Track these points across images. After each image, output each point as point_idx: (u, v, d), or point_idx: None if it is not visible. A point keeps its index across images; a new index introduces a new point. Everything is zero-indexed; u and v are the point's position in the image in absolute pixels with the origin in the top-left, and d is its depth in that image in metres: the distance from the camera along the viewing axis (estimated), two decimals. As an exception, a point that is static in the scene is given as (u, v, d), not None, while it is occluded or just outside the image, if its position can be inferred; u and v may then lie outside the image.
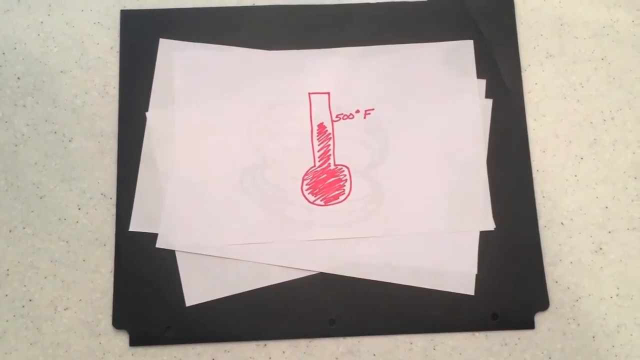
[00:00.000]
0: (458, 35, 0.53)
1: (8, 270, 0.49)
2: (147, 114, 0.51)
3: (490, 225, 0.49)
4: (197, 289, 0.48)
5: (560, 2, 0.55)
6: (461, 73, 0.52)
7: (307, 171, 0.51)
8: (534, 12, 0.54)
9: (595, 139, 0.52)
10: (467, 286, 0.49)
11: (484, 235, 0.49)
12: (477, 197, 0.50)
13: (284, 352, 0.48)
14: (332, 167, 0.51)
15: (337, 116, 0.52)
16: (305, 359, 0.48)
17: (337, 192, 0.50)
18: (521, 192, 0.50)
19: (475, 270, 0.49)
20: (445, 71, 0.52)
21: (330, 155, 0.51)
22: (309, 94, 0.52)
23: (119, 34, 0.53)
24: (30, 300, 0.49)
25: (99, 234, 0.50)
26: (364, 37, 0.53)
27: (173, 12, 0.53)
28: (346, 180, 0.50)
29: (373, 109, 0.52)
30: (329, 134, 0.51)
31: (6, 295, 0.49)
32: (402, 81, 0.52)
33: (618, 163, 0.52)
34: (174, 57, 0.52)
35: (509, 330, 0.48)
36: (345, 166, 0.51)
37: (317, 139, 0.51)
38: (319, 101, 0.52)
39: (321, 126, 0.52)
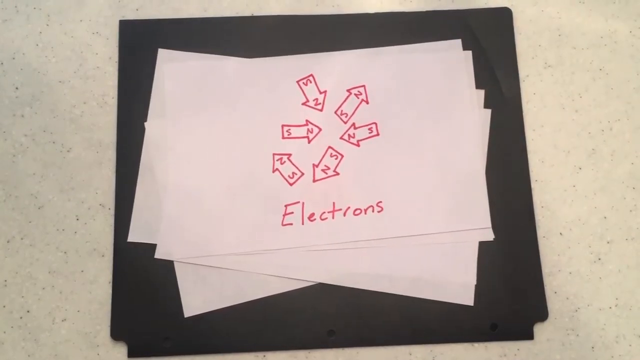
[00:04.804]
0: (456, 45, 0.54)
1: (6, 281, 0.49)
2: (146, 124, 0.51)
3: (489, 235, 0.49)
4: (195, 300, 0.48)
5: (558, 12, 0.55)
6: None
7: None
8: (532, 22, 0.55)
9: (593, 149, 0.52)
10: (466, 297, 0.48)
11: (483, 246, 0.49)
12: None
13: (282, 363, 0.48)
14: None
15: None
16: (304, 370, 0.48)
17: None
18: (520, 202, 0.50)
19: (474, 281, 0.49)
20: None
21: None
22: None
23: (117, 44, 0.53)
24: (28, 311, 0.48)
25: (97, 245, 0.50)
26: (363, 47, 0.53)
27: (172, 22, 0.53)
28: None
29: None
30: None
31: (4, 307, 0.48)
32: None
33: (616, 173, 0.52)
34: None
35: (508, 341, 0.48)
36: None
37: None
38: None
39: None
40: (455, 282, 0.49)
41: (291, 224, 0.50)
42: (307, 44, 0.53)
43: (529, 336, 0.48)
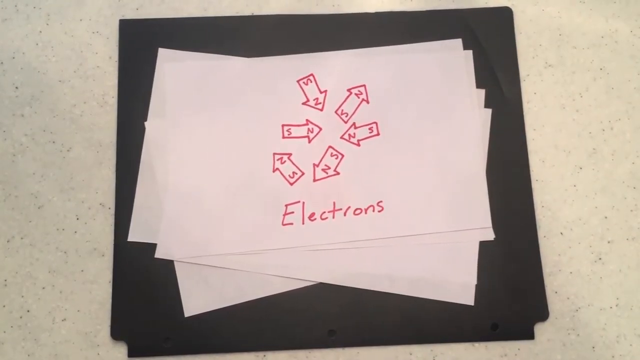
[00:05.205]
0: (457, 45, 0.53)
1: (6, 280, 0.49)
2: (146, 124, 0.51)
3: (489, 235, 0.49)
4: (196, 300, 0.48)
5: (559, 12, 0.55)
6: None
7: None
8: (533, 22, 0.55)
9: (594, 149, 0.52)
10: (466, 296, 0.48)
11: (484, 246, 0.49)
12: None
13: (283, 363, 0.48)
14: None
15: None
16: (304, 370, 0.48)
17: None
18: (520, 202, 0.50)
19: (475, 281, 0.49)
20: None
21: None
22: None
23: (117, 44, 0.53)
24: (28, 311, 0.48)
25: (98, 244, 0.49)
26: (363, 47, 0.53)
27: (172, 21, 0.53)
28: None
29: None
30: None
31: (4, 306, 0.48)
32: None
33: (617, 173, 0.52)
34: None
35: (508, 341, 0.48)
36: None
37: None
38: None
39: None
40: (456, 281, 0.49)
41: (291, 224, 0.49)
42: (307, 43, 0.53)
43: (530, 336, 0.48)
